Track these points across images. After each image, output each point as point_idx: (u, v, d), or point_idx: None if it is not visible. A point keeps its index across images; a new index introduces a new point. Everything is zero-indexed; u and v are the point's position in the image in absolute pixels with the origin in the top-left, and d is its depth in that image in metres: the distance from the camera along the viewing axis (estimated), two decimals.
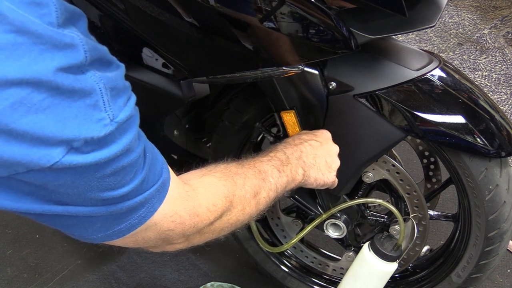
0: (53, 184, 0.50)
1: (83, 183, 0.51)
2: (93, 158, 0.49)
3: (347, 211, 1.08)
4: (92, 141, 0.48)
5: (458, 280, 1.08)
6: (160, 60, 0.99)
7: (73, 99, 0.47)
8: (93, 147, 0.49)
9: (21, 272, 1.41)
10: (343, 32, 0.76)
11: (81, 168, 0.49)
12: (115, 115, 0.50)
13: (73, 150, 0.47)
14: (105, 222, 0.58)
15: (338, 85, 0.88)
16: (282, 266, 1.30)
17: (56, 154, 0.46)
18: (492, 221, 0.95)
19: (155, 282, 1.39)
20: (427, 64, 0.91)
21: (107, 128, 0.49)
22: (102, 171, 0.52)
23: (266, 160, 0.86)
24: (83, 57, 0.47)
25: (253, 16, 0.76)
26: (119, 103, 0.52)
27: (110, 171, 0.53)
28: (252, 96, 1.06)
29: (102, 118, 0.49)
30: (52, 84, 0.45)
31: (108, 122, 0.50)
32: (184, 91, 1.00)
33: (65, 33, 0.46)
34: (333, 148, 0.94)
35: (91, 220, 0.57)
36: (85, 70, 0.48)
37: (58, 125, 0.46)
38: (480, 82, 2.14)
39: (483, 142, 0.87)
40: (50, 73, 0.44)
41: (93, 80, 0.48)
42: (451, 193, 1.52)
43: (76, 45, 0.47)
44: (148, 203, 0.61)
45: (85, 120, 0.48)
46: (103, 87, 0.49)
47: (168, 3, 0.82)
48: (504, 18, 2.51)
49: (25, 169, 0.46)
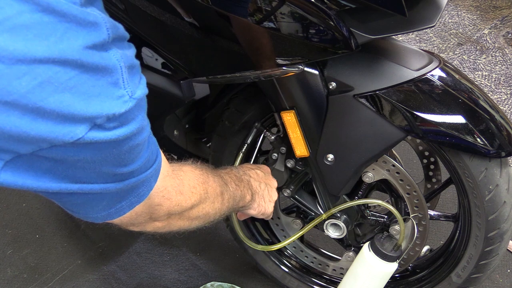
0: (72, 159, 0.51)
1: (100, 158, 0.53)
2: (113, 135, 0.51)
3: (347, 211, 1.08)
4: (113, 118, 0.50)
5: (458, 280, 1.08)
6: (160, 60, 0.99)
7: (96, 78, 0.48)
8: (115, 124, 0.51)
9: (21, 272, 1.41)
10: (343, 32, 0.76)
11: (101, 144, 0.51)
12: (133, 92, 0.52)
13: (96, 127, 0.49)
14: (110, 200, 0.62)
15: (338, 85, 0.88)
16: (282, 266, 1.30)
17: (79, 131, 0.48)
18: (492, 221, 0.96)
19: (155, 282, 1.39)
20: (427, 64, 0.91)
21: (127, 105, 0.51)
22: (119, 148, 0.54)
23: (225, 172, 0.93)
24: (106, 35, 0.49)
25: (253, 16, 0.76)
26: (135, 81, 0.54)
27: (126, 148, 0.55)
28: (252, 96, 1.06)
29: (122, 95, 0.51)
30: (78, 62, 0.46)
31: (128, 98, 0.51)
32: (184, 91, 1.00)
33: (88, 12, 0.47)
34: (273, 182, 1.05)
35: (99, 198, 0.60)
36: (108, 48, 0.49)
37: (83, 103, 0.47)
38: (480, 82, 2.14)
39: (483, 142, 0.87)
40: (76, 52, 0.45)
41: (115, 58, 0.50)
42: (451, 193, 1.52)
43: (99, 23, 0.48)
44: (147, 181, 0.64)
45: (107, 98, 0.49)
46: (123, 66, 0.51)
47: (168, 3, 0.82)
48: (504, 18, 2.51)
49: (49, 145, 0.48)
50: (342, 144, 0.93)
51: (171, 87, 1.00)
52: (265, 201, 1.02)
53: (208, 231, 1.51)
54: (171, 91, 1.00)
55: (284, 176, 1.07)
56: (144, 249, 1.47)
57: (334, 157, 0.95)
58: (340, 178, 0.98)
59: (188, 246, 1.48)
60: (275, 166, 1.07)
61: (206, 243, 1.49)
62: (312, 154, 0.97)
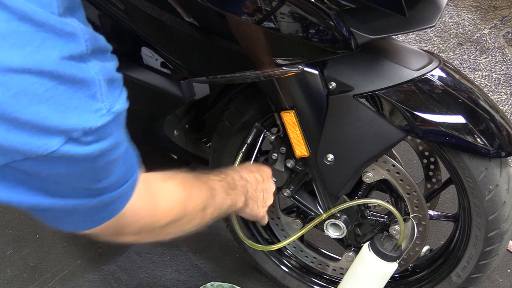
0: (46, 173, 0.50)
1: (74, 172, 0.52)
2: (89, 150, 0.50)
3: (347, 211, 1.08)
4: (90, 132, 0.49)
5: (458, 280, 1.08)
6: (160, 60, 0.99)
7: (73, 90, 0.47)
8: (91, 139, 0.50)
9: (21, 272, 1.41)
10: (343, 32, 0.76)
11: (76, 158, 0.50)
12: (111, 105, 0.51)
13: (71, 140, 0.48)
14: (81, 215, 0.61)
15: (338, 85, 0.88)
16: (282, 266, 1.30)
17: (54, 144, 0.47)
18: (492, 221, 0.96)
19: (155, 282, 1.39)
20: (427, 64, 0.91)
21: (104, 119, 0.50)
22: (95, 163, 0.53)
23: (217, 180, 0.92)
24: (84, 46, 0.48)
25: (253, 16, 0.76)
26: (114, 94, 0.53)
27: (102, 163, 0.54)
28: (252, 96, 1.06)
29: (99, 108, 0.50)
30: (55, 73, 0.45)
31: (105, 112, 0.50)
32: (184, 91, 1.00)
33: (67, 22, 0.46)
34: (271, 186, 1.05)
35: (70, 213, 0.60)
36: (86, 60, 0.48)
37: (59, 115, 0.46)
38: (480, 82, 2.14)
39: (483, 142, 0.87)
40: (52, 63, 0.45)
41: (93, 71, 0.49)
42: (451, 193, 1.52)
43: (77, 34, 0.47)
44: (121, 198, 0.63)
45: (84, 111, 0.48)
46: (102, 79, 0.50)
47: (168, 3, 0.82)
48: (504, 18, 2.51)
49: (22, 157, 0.47)
50: (342, 144, 0.93)
51: (171, 87, 1.00)
52: (258, 206, 1.02)
53: (208, 231, 1.51)
54: (171, 91, 1.00)
55: (284, 176, 1.07)
56: (144, 249, 1.47)
57: (334, 157, 0.95)
58: (340, 178, 0.98)
59: (188, 246, 1.48)
60: (275, 166, 1.07)
61: (206, 243, 1.49)
62: (312, 154, 0.97)
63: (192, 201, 0.81)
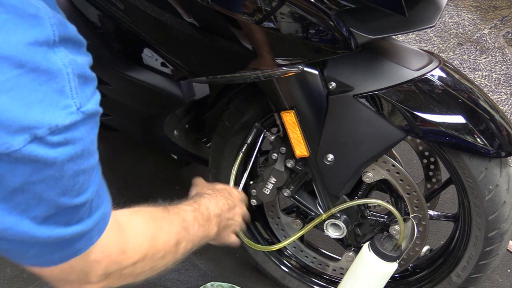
0: (9, 177, 0.45)
1: (40, 179, 0.46)
2: (56, 153, 0.45)
3: (347, 211, 1.08)
4: (57, 130, 0.44)
5: (458, 280, 1.08)
6: (160, 60, 0.99)
7: (39, 82, 0.43)
8: (58, 139, 0.45)
9: (21, 272, 1.41)
10: (343, 32, 0.76)
11: (42, 162, 0.45)
12: (82, 104, 0.47)
13: (37, 140, 0.43)
14: (39, 250, 0.53)
15: (338, 85, 0.88)
16: (282, 266, 1.30)
17: (17, 142, 0.42)
18: (492, 221, 0.95)
19: (155, 282, 1.39)
20: (427, 64, 0.91)
21: (72, 117, 0.46)
22: (63, 170, 0.48)
23: (190, 210, 0.85)
24: (50, 31, 0.43)
25: (253, 16, 0.76)
26: (86, 93, 0.48)
27: (70, 172, 0.49)
28: (252, 96, 1.06)
29: (68, 105, 0.45)
30: (16, 60, 0.41)
31: (75, 110, 0.46)
32: (184, 91, 1.00)
33: (30, 2, 0.42)
34: (243, 210, 1.03)
35: (27, 247, 0.52)
36: (53, 48, 0.44)
37: (22, 109, 0.42)
38: (480, 82, 2.14)
39: (483, 142, 0.87)
40: (13, 47, 0.40)
41: (62, 63, 0.44)
42: (451, 193, 1.52)
43: (42, 17, 0.43)
44: (86, 236, 0.56)
45: (50, 106, 0.44)
46: (71, 73, 0.45)
47: (168, 3, 0.82)
48: (504, 18, 2.51)
49: None
50: (342, 144, 0.93)
51: (171, 87, 1.00)
52: (228, 234, 1.00)
53: None
54: (171, 91, 1.00)
55: (284, 176, 1.07)
56: None
57: (334, 157, 0.95)
58: (340, 178, 0.98)
59: None
60: (275, 166, 1.07)
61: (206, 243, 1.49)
62: (312, 154, 0.97)
63: (163, 236, 0.74)
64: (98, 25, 0.98)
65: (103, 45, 1.00)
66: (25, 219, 0.48)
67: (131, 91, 1.05)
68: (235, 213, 1.00)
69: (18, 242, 0.51)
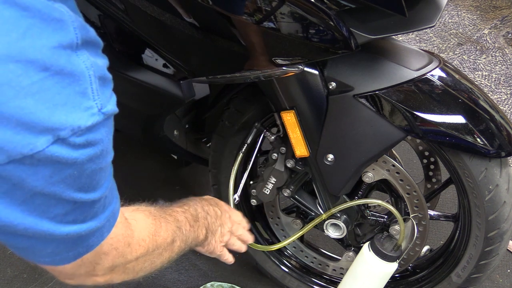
0: (31, 181, 0.46)
1: (60, 179, 0.48)
2: (77, 154, 0.46)
3: (347, 211, 1.08)
4: (79, 131, 0.45)
5: (458, 280, 1.08)
6: (160, 60, 0.99)
7: (62, 84, 0.43)
8: (80, 141, 0.46)
9: (21, 272, 1.41)
10: (343, 32, 0.76)
11: (64, 162, 0.46)
12: (103, 105, 0.48)
13: (60, 141, 0.44)
14: (56, 247, 0.55)
15: (338, 85, 0.88)
16: (282, 266, 1.30)
17: (40, 143, 0.43)
18: (492, 221, 0.95)
19: (155, 282, 1.39)
20: (427, 64, 0.91)
21: (94, 118, 0.47)
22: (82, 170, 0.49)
23: (181, 211, 0.87)
24: (73, 35, 0.44)
25: (253, 16, 0.76)
26: (106, 94, 0.49)
27: (89, 170, 0.50)
28: (252, 96, 1.06)
29: (90, 106, 0.46)
30: (41, 63, 0.41)
31: (96, 111, 0.47)
32: (184, 91, 1.00)
33: (55, 7, 0.42)
34: (227, 223, 1.01)
35: (45, 244, 0.54)
36: (77, 51, 0.45)
37: (47, 111, 0.43)
38: (480, 82, 2.14)
39: (483, 142, 0.87)
40: (39, 51, 0.41)
41: (84, 65, 0.45)
42: (451, 193, 1.52)
43: (65, 21, 0.43)
44: (98, 232, 0.58)
45: (73, 108, 0.45)
46: (93, 75, 0.46)
47: (168, 3, 0.82)
48: (504, 18, 2.51)
49: (6, 159, 0.43)
50: (342, 144, 0.93)
51: (171, 87, 1.00)
52: (215, 241, 0.99)
53: None
54: (171, 91, 1.00)
55: (284, 176, 1.07)
56: None
57: (334, 157, 0.95)
58: (340, 178, 0.98)
59: None
60: (275, 166, 1.07)
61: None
62: (312, 154, 0.97)
63: (162, 233, 0.77)
64: (98, 25, 0.98)
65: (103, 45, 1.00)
66: (44, 219, 0.50)
67: (131, 91, 1.05)
68: (221, 221, 0.99)
69: (36, 240, 0.52)
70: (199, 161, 1.34)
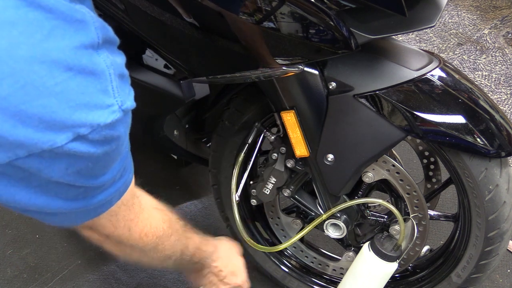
0: (47, 172, 0.48)
1: (75, 171, 0.49)
2: (96, 149, 0.48)
3: (347, 211, 1.08)
4: (98, 128, 0.47)
5: (458, 280, 1.08)
6: (161, 60, 0.99)
7: (85, 84, 0.45)
8: (98, 137, 0.47)
9: (21, 272, 1.41)
10: (343, 32, 0.76)
11: (79, 156, 0.47)
12: (123, 102, 0.49)
13: (79, 138, 0.46)
14: (67, 216, 0.58)
15: (338, 85, 0.88)
16: (282, 266, 1.30)
17: (60, 140, 0.44)
18: (492, 221, 0.95)
19: (155, 282, 1.39)
20: (427, 64, 0.91)
21: (114, 115, 0.48)
22: (97, 161, 0.51)
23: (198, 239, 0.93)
24: (94, 34, 0.45)
25: (253, 16, 0.76)
26: (125, 91, 0.51)
27: (104, 162, 0.52)
28: (252, 96, 1.06)
29: (111, 104, 0.47)
30: (65, 64, 0.42)
31: (117, 108, 0.48)
32: (184, 91, 1.00)
33: (76, 8, 0.44)
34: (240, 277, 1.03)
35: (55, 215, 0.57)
36: (98, 50, 0.46)
37: (69, 110, 0.44)
38: (480, 82, 2.14)
39: (483, 142, 0.87)
40: (62, 51, 0.42)
41: (105, 63, 0.46)
42: (451, 193, 1.52)
43: (87, 21, 0.45)
44: (108, 201, 0.61)
45: (95, 107, 0.46)
46: (113, 73, 0.47)
47: (168, 3, 0.82)
48: (504, 18, 2.51)
49: (26, 153, 0.44)
50: (342, 144, 0.93)
51: (171, 87, 1.00)
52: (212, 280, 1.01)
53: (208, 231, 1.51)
54: (171, 91, 1.00)
55: (284, 176, 1.07)
56: None
57: (334, 157, 0.95)
58: (340, 178, 0.98)
59: None
60: (275, 166, 1.07)
61: None
62: (312, 154, 0.97)
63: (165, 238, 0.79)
64: None
65: None
66: (56, 199, 0.53)
67: None
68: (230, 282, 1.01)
69: (46, 214, 0.55)
70: (199, 161, 1.34)
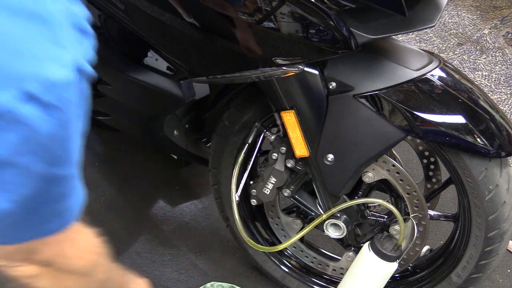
0: None
1: (28, 148, 0.41)
2: (49, 118, 0.41)
3: (347, 211, 1.08)
4: (49, 85, 0.39)
5: (458, 280, 1.08)
6: (161, 60, 0.99)
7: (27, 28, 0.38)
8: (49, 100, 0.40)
9: None
10: (343, 32, 0.76)
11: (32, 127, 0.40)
12: (78, 60, 0.41)
13: (28, 97, 0.38)
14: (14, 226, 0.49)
15: (338, 85, 0.88)
16: (282, 266, 1.30)
17: (5, 97, 0.37)
18: (492, 221, 0.96)
19: (155, 282, 1.39)
20: (427, 64, 0.91)
21: (67, 72, 0.40)
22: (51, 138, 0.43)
23: None
24: None
25: (253, 16, 0.76)
26: (84, 50, 0.43)
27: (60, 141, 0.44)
28: (252, 96, 1.06)
29: (63, 57, 0.40)
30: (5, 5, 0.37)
31: (70, 64, 0.41)
32: (184, 91, 1.00)
33: None
34: None
35: None
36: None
37: (11, 59, 0.37)
38: (480, 82, 2.14)
39: (483, 142, 0.87)
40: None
41: (54, 7, 0.40)
42: (451, 193, 1.52)
43: None
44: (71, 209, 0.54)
45: (43, 58, 0.39)
46: (68, 23, 0.41)
47: (168, 3, 0.82)
48: (504, 18, 2.51)
49: None
50: (342, 144, 0.93)
51: (171, 87, 1.00)
52: None
53: (208, 231, 1.51)
54: (171, 91, 1.00)
55: (284, 176, 1.07)
56: (144, 249, 1.47)
57: (334, 157, 0.95)
58: (340, 178, 0.98)
59: (188, 246, 1.48)
60: (275, 166, 1.07)
61: (206, 243, 1.49)
62: (312, 154, 0.97)
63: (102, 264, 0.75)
64: (98, 25, 0.99)
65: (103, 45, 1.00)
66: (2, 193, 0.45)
67: (131, 91, 1.05)
68: None
69: None
70: (199, 161, 1.34)
